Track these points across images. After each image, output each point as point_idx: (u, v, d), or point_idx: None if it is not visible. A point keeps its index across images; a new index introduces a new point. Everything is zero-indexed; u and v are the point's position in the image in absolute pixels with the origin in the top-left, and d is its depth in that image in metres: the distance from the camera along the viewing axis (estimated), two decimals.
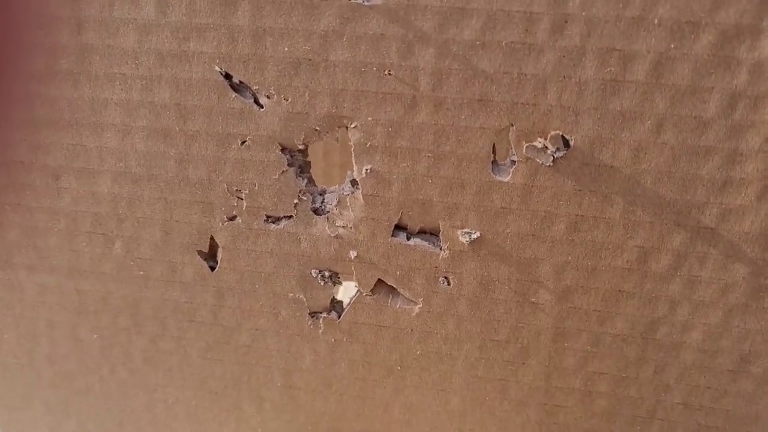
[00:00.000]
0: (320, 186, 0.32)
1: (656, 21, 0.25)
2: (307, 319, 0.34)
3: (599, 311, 0.31)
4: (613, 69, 0.26)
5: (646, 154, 0.28)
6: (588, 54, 0.26)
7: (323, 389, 0.37)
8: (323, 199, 0.32)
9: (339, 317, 0.34)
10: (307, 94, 0.29)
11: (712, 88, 0.26)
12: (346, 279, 0.33)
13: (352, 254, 0.32)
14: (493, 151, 0.29)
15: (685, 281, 0.30)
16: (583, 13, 0.26)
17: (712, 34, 0.25)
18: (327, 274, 0.33)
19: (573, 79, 0.27)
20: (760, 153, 0.27)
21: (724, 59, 0.25)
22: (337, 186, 0.32)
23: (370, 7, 0.27)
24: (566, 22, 0.26)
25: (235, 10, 0.28)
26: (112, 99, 0.30)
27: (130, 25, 0.29)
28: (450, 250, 0.31)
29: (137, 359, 0.38)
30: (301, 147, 0.30)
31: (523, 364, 0.34)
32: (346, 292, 0.35)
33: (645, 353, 0.32)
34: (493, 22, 0.26)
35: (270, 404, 0.38)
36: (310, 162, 0.32)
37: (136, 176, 0.32)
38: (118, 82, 0.30)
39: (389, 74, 0.28)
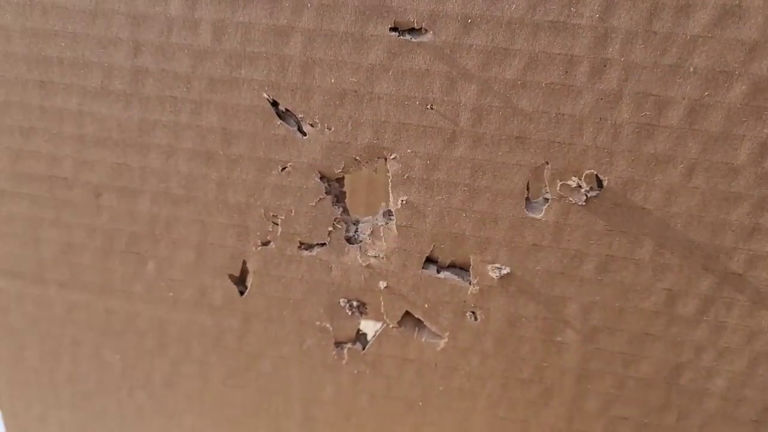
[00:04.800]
0: (354, 216, 0.33)
1: (692, 69, 0.26)
2: (331, 349, 0.35)
3: (624, 353, 0.32)
4: (648, 113, 0.27)
5: (677, 197, 0.28)
6: (625, 98, 0.27)
7: (342, 422, 0.37)
8: (357, 228, 0.33)
9: (364, 348, 0.35)
10: (350, 125, 0.30)
11: (744, 136, 0.27)
12: (373, 310, 0.34)
13: (382, 285, 0.33)
14: (527, 188, 0.30)
15: (712, 326, 0.30)
16: (622, 59, 0.27)
17: (746, 84, 0.26)
18: (355, 303, 0.33)
19: (609, 122, 0.28)
20: None
21: (756, 109, 0.26)
22: (371, 216, 0.33)
23: (418, 44, 0.28)
24: (605, 66, 0.27)
25: (287, 40, 0.29)
26: (160, 121, 0.32)
27: (186, 51, 0.30)
28: (479, 284, 0.32)
29: (157, 382, 0.38)
30: (339, 176, 0.31)
31: (546, 405, 0.34)
32: (370, 324, 0.35)
33: (669, 399, 0.32)
34: (534, 63, 0.28)
35: None
36: (345, 192, 0.33)
37: (175, 197, 0.33)
38: (168, 105, 0.31)
39: (431, 108, 0.29)
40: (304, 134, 0.31)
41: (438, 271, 0.32)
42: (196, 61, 0.30)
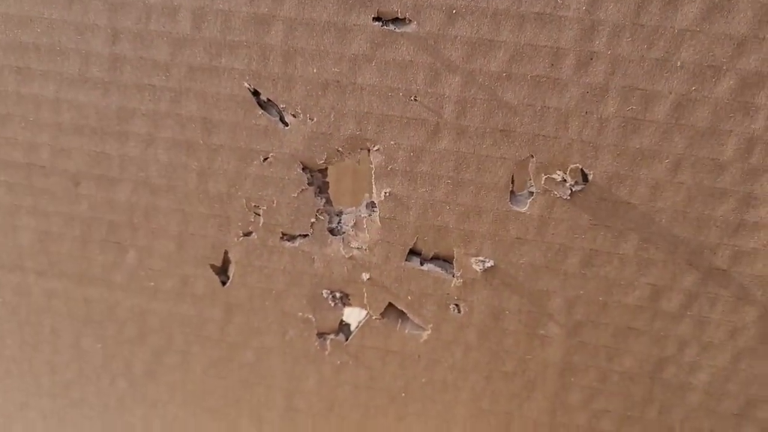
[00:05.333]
0: (337, 207, 0.32)
1: (679, 63, 0.26)
2: (314, 339, 0.35)
3: (608, 347, 0.32)
4: (634, 107, 0.27)
5: (662, 192, 0.28)
6: (611, 91, 0.27)
7: (325, 413, 0.36)
8: (340, 219, 0.32)
9: (346, 339, 0.34)
10: (332, 115, 0.29)
11: (731, 131, 0.27)
12: (356, 301, 0.33)
13: (365, 276, 0.32)
14: (512, 182, 0.29)
15: (695, 321, 0.30)
16: (609, 52, 0.26)
17: (733, 79, 0.26)
18: (338, 295, 0.33)
19: (595, 115, 0.27)
20: None
21: (743, 104, 0.26)
22: (354, 207, 0.32)
23: (401, 34, 0.28)
24: (591, 59, 0.27)
25: (268, 29, 0.28)
26: (139, 109, 0.31)
27: (165, 38, 0.29)
28: (463, 277, 0.31)
29: (138, 372, 0.38)
30: (321, 167, 0.31)
31: (529, 397, 0.34)
32: (353, 315, 0.35)
33: (651, 393, 0.32)
34: (520, 55, 0.27)
35: (269, 426, 0.38)
36: (328, 182, 0.32)
37: (155, 187, 0.32)
38: (147, 93, 0.31)
39: (415, 100, 0.28)
40: (286, 124, 0.30)
41: (421, 264, 0.32)
42: (175, 49, 0.30)
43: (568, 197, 0.29)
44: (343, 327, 0.35)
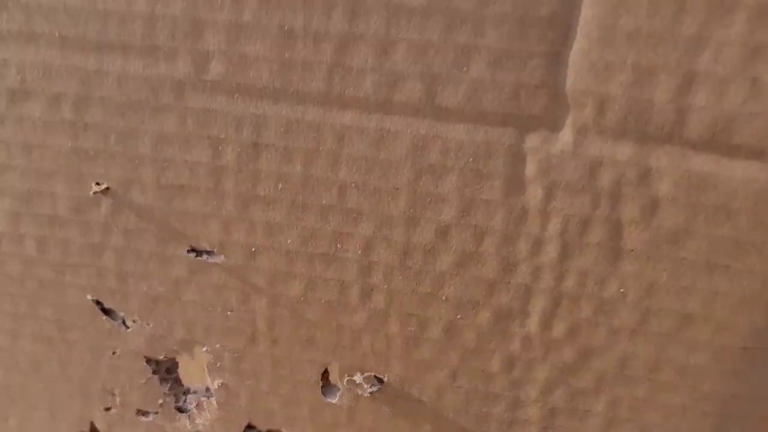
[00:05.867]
0: (186, 385, 0.37)
1: (444, 297, 0.30)
2: None
3: None
4: (413, 329, 0.31)
5: (446, 393, 0.32)
6: (392, 316, 0.31)
7: None
8: (186, 399, 0.36)
9: None
10: (165, 323, 0.34)
11: (494, 350, 0.31)
12: None
13: None
14: (324, 378, 0.34)
15: None
16: (385, 286, 0.30)
17: (489, 312, 0.30)
18: None
19: (382, 333, 0.31)
20: (538, 403, 0.31)
21: (500, 331, 0.30)
22: (200, 385, 0.37)
23: (213, 264, 0.32)
24: (372, 290, 0.31)
25: (101, 254, 0.32)
26: (3, 309, 0.35)
27: (16, 258, 0.33)
28: None
29: None
30: (164, 360, 0.35)
31: None
32: None
33: None
34: (314, 284, 0.31)
35: None
36: (178, 362, 0.36)
37: (24, 371, 0.37)
38: (7, 299, 0.35)
39: (231, 313, 0.33)
40: (128, 327, 0.34)
41: None
42: (25, 267, 0.34)
43: (369, 395, 0.33)
44: None
